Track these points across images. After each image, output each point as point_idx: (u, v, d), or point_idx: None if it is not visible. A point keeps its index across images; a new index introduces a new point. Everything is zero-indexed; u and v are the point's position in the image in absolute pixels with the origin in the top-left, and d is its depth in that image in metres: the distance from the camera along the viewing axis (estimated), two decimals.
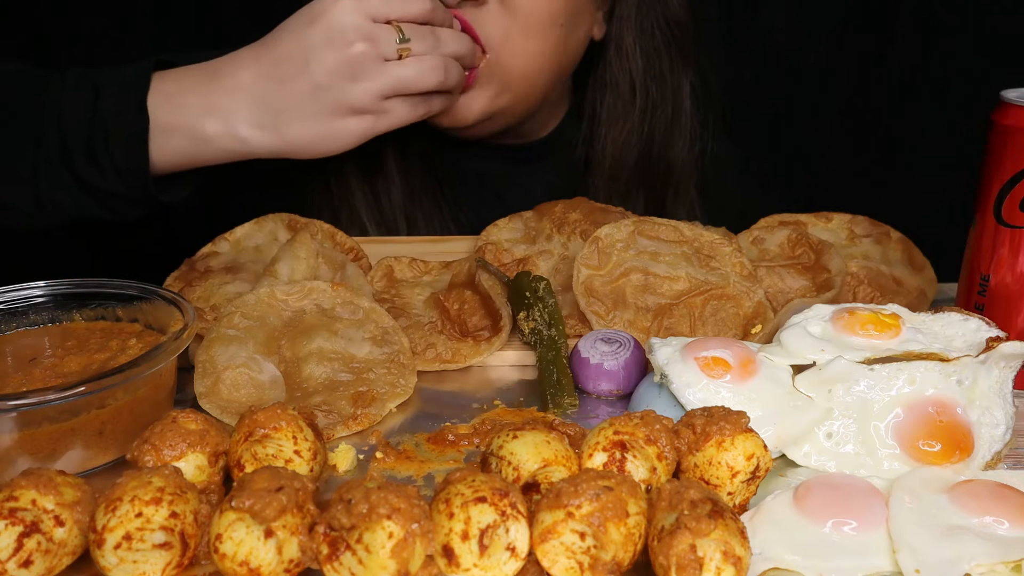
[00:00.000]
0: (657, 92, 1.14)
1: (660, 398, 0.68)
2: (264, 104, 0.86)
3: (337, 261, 0.87)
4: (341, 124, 0.87)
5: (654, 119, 1.14)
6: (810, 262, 0.88)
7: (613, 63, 1.13)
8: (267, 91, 0.85)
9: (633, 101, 1.13)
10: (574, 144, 1.19)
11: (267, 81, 0.85)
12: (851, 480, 0.60)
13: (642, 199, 1.17)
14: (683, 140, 1.16)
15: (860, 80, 1.76)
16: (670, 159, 1.16)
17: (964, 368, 0.64)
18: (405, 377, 0.74)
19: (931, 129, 1.72)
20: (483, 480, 0.51)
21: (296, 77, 0.85)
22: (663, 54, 1.13)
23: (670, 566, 0.49)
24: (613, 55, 1.13)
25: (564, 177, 1.20)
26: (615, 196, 1.15)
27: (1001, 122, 0.71)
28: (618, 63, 1.12)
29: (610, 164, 1.15)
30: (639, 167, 1.15)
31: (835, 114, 1.79)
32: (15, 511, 0.51)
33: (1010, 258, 0.73)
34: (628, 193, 1.16)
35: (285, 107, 0.85)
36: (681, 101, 1.15)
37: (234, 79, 0.86)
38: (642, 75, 1.13)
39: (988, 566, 0.52)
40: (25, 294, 0.74)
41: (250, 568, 0.50)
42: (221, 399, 0.71)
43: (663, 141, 1.16)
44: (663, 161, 1.16)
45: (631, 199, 1.15)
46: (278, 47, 0.86)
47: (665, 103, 1.14)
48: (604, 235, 0.86)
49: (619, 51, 1.12)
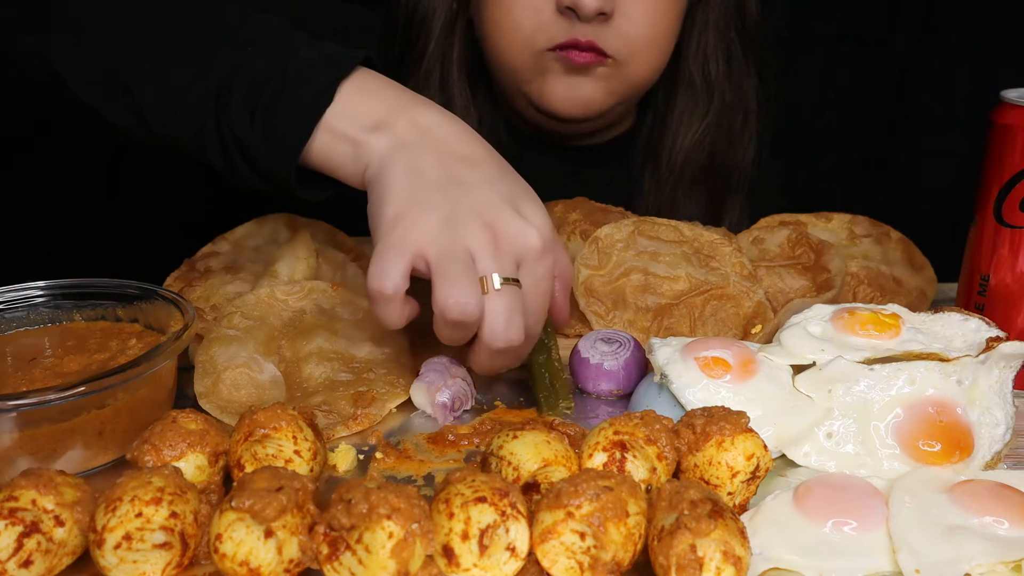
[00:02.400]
0: (731, 95, 1.16)
1: (660, 398, 0.68)
2: (418, 159, 0.71)
3: (337, 261, 0.87)
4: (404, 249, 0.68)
5: (726, 121, 1.17)
6: (810, 262, 0.88)
7: (690, 64, 1.15)
8: (429, 155, 0.71)
9: (709, 102, 1.16)
10: (637, 139, 1.21)
11: (438, 149, 0.72)
12: (851, 480, 0.60)
13: (703, 198, 1.19)
14: (748, 143, 1.19)
15: (860, 80, 1.76)
16: (736, 161, 1.19)
17: (964, 368, 0.64)
18: (405, 377, 0.74)
19: (931, 129, 1.72)
20: (483, 480, 0.51)
21: (459, 184, 0.70)
22: (740, 59, 1.16)
23: (670, 566, 0.49)
24: (691, 56, 1.15)
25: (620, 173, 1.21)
26: (679, 192, 1.17)
27: (1001, 122, 0.71)
28: (695, 63, 1.15)
29: (681, 160, 1.17)
30: (706, 166, 1.18)
31: (835, 114, 1.79)
32: (15, 511, 0.51)
33: (1010, 258, 0.73)
34: (692, 191, 1.18)
35: (425, 187, 0.70)
36: (750, 106, 1.18)
37: (417, 114, 0.73)
38: (720, 78, 1.15)
39: (988, 566, 0.52)
40: (25, 294, 0.74)
41: (250, 568, 0.50)
42: (221, 399, 0.71)
43: (731, 144, 1.18)
44: (729, 163, 1.19)
45: (694, 198, 1.18)
46: (464, 140, 0.74)
47: (737, 107, 1.17)
48: (604, 235, 0.86)
49: (698, 52, 1.14)
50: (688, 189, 1.18)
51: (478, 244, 0.66)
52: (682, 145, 1.16)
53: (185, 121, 0.76)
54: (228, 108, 0.74)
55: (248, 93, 0.74)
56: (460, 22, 1.12)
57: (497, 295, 0.66)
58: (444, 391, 0.71)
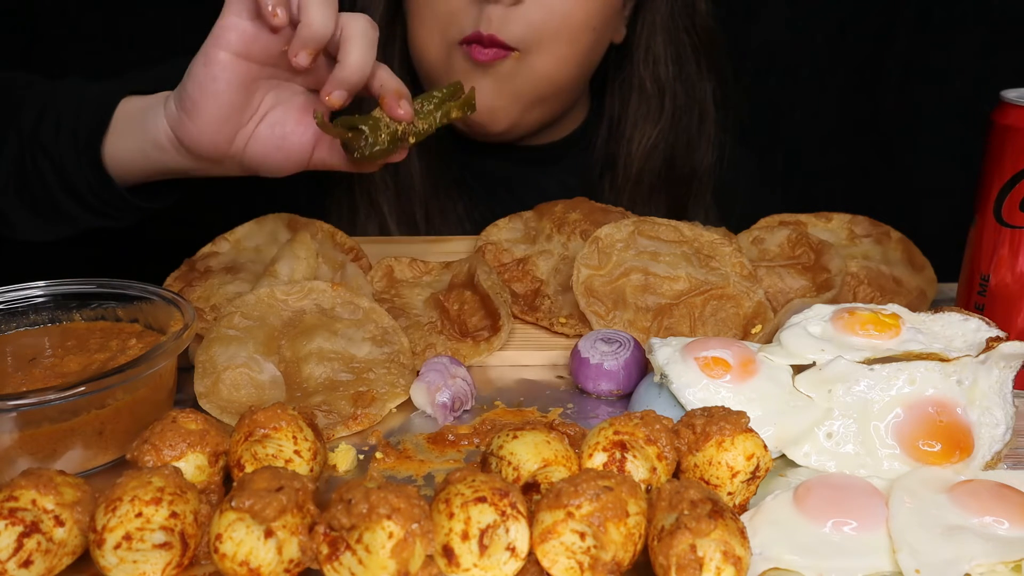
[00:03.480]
0: (684, 97, 1.15)
1: (660, 398, 0.68)
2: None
3: (337, 261, 0.87)
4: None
5: (681, 124, 1.16)
6: (810, 262, 0.88)
7: (640, 67, 1.14)
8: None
9: (661, 105, 1.14)
10: (593, 146, 1.20)
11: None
12: (851, 480, 0.60)
13: (664, 203, 1.17)
14: (707, 145, 1.18)
15: (860, 80, 1.76)
16: (694, 164, 1.17)
17: (964, 368, 0.64)
18: (405, 377, 0.74)
19: (931, 129, 1.72)
20: (483, 480, 0.51)
21: None
22: (690, 60, 1.15)
23: (670, 566, 0.49)
24: (640, 59, 1.13)
25: (581, 179, 1.20)
26: (638, 200, 1.16)
27: (1001, 122, 0.71)
28: (645, 68, 1.13)
29: (636, 167, 1.16)
30: (663, 171, 1.16)
31: (835, 114, 1.79)
32: (15, 511, 0.51)
33: (1010, 258, 0.73)
34: (651, 196, 1.17)
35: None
36: (706, 107, 1.17)
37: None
38: (671, 80, 1.14)
39: (988, 566, 0.52)
40: (25, 294, 0.74)
41: (250, 568, 0.50)
42: (221, 399, 0.71)
43: (688, 146, 1.17)
44: (687, 166, 1.17)
45: (653, 202, 1.16)
46: None
47: (692, 109, 1.16)
48: (604, 235, 0.86)
49: (648, 55, 1.13)
50: (647, 196, 1.16)
51: None
52: (637, 151, 1.15)
53: (19, 184, 0.89)
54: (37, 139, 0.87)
55: (47, 126, 0.87)
56: (399, 17, 1.12)
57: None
58: (444, 391, 0.71)
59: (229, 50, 0.75)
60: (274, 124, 0.82)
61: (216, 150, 0.80)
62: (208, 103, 0.77)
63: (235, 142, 0.81)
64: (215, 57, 0.75)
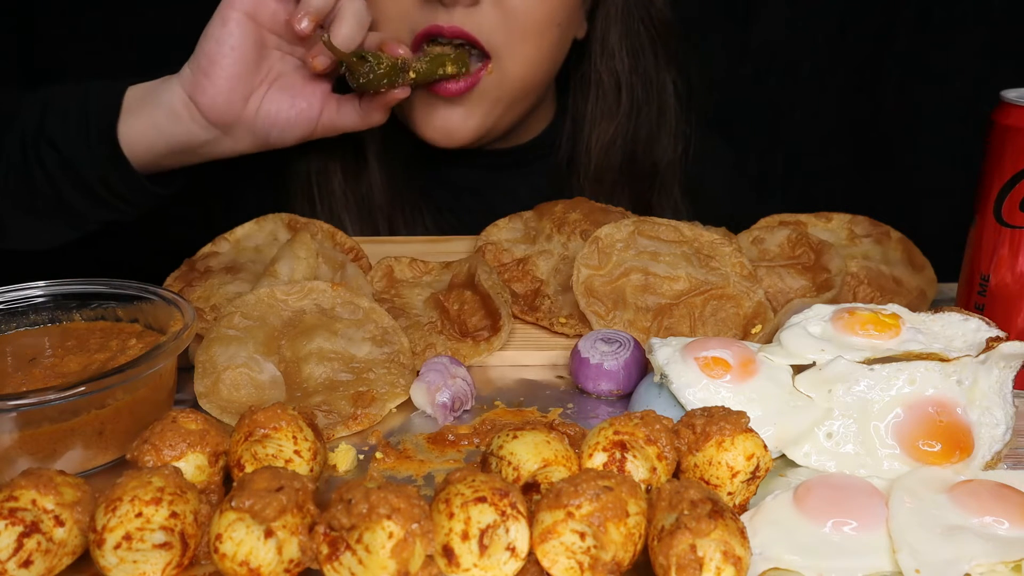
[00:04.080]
0: (642, 91, 1.13)
1: (660, 398, 0.68)
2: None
3: (337, 261, 0.87)
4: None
5: (640, 118, 1.13)
6: (810, 262, 0.88)
7: (597, 62, 1.12)
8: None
9: (618, 100, 1.12)
10: (557, 145, 1.18)
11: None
12: (851, 480, 0.60)
13: (627, 199, 1.15)
14: (668, 139, 1.15)
15: (860, 80, 1.76)
16: (655, 158, 1.15)
17: (964, 368, 0.64)
18: (405, 377, 0.74)
19: (931, 130, 1.72)
20: (483, 480, 0.51)
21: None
22: (648, 52, 1.12)
23: (670, 566, 0.49)
24: (597, 54, 1.11)
25: (550, 179, 1.19)
26: (600, 196, 1.13)
27: (1001, 122, 0.71)
28: (602, 62, 1.11)
29: (595, 164, 1.14)
30: (624, 167, 1.14)
31: (835, 114, 1.79)
32: (15, 511, 0.51)
33: (1010, 258, 0.73)
34: (613, 193, 1.15)
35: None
36: (666, 100, 1.14)
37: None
38: (628, 74, 1.12)
39: (988, 566, 0.52)
40: (25, 294, 0.74)
41: (250, 568, 0.50)
42: (221, 399, 0.71)
43: (648, 140, 1.15)
44: (648, 160, 1.15)
45: (616, 199, 1.13)
46: None
47: (651, 102, 1.13)
48: (604, 235, 0.86)
49: (604, 50, 1.11)
50: (609, 192, 1.14)
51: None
52: (596, 147, 1.13)
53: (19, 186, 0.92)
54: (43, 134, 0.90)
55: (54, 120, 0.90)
56: None
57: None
58: (444, 391, 0.71)
59: (242, 10, 0.87)
60: (283, 88, 0.92)
61: (231, 110, 0.89)
62: (224, 58, 0.87)
63: (248, 104, 0.90)
64: (229, 16, 0.86)
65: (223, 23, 0.86)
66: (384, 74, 0.87)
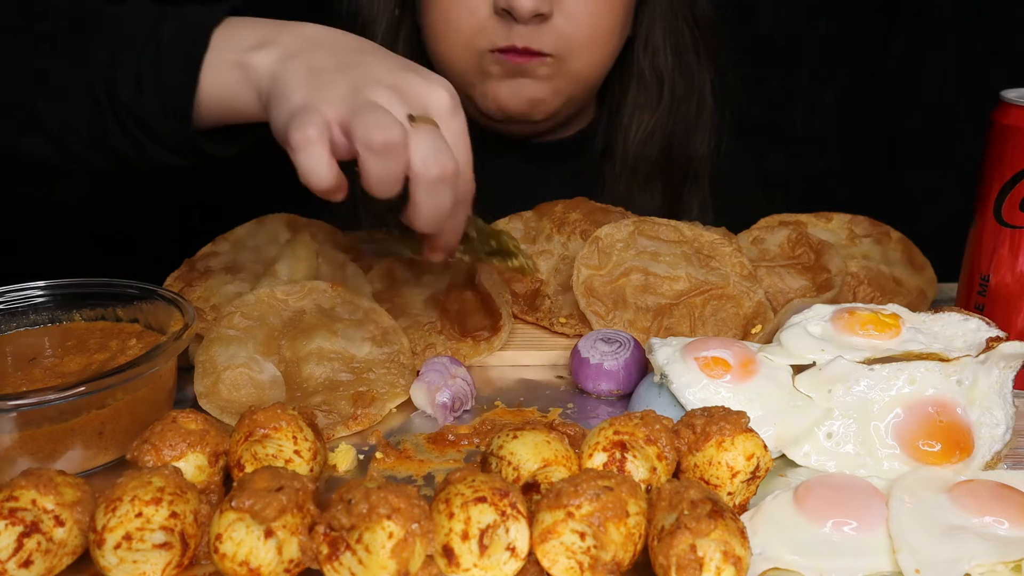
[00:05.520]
0: (683, 87, 1.16)
1: (660, 398, 0.68)
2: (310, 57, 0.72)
3: (337, 261, 0.87)
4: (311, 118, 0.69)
5: (679, 113, 1.17)
6: (810, 262, 0.88)
7: (640, 58, 1.15)
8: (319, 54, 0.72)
9: (660, 95, 1.15)
10: (593, 135, 1.21)
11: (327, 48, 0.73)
12: (851, 480, 0.60)
13: (660, 191, 1.18)
14: (704, 134, 1.19)
15: (860, 80, 1.76)
16: (690, 152, 1.19)
17: (964, 368, 0.64)
18: (405, 377, 0.74)
19: (931, 129, 1.72)
20: (483, 480, 0.51)
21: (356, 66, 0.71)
22: (690, 50, 1.16)
23: (670, 566, 0.49)
24: (641, 50, 1.15)
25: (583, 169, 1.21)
26: (634, 187, 1.17)
27: (1001, 122, 0.71)
28: (645, 58, 1.15)
29: (633, 155, 1.17)
30: (660, 159, 1.18)
31: (835, 114, 1.79)
32: (15, 511, 0.51)
33: (1010, 258, 0.73)
34: (647, 184, 1.18)
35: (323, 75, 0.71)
36: (704, 96, 1.18)
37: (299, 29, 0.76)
38: (671, 71, 1.15)
39: (988, 566, 0.52)
40: (25, 294, 0.74)
41: (250, 568, 0.50)
42: (221, 399, 0.71)
43: (685, 134, 1.18)
44: (684, 154, 1.18)
45: (649, 190, 1.17)
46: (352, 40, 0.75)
47: (690, 97, 1.17)
48: (604, 235, 0.86)
49: (647, 46, 1.14)
50: (643, 183, 1.17)
51: (387, 99, 0.66)
52: (634, 139, 1.16)
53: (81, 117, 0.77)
54: (116, 87, 0.75)
55: (130, 67, 0.75)
56: (404, 27, 1.12)
57: (419, 129, 0.65)
58: (444, 391, 0.71)
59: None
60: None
61: None
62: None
63: None
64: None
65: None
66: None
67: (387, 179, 0.65)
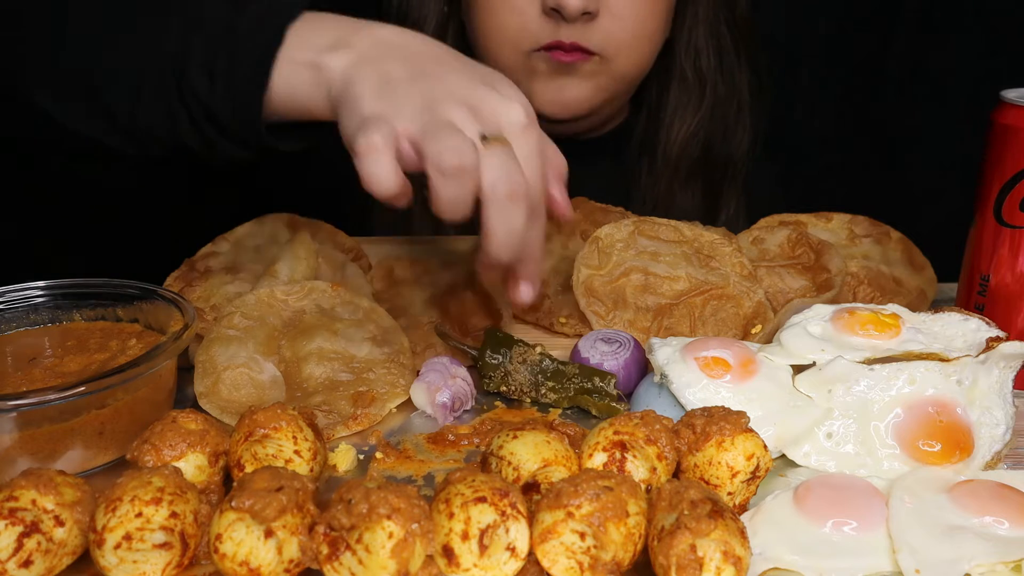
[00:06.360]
0: (724, 87, 1.19)
1: (660, 398, 0.68)
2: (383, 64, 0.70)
3: (337, 261, 0.87)
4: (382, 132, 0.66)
5: (720, 113, 1.19)
6: (810, 262, 0.88)
7: (682, 58, 1.17)
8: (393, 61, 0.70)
9: (702, 95, 1.18)
10: (628, 134, 1.22)
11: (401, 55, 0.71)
12: (851, 480, 0.60)
13: (699, 189, 1.21)
14: (742, 133, 1.21)
15: (860, 80, 1.76)
16: (730, 151, 1.21)
17: (964, 368, 0.64)
18: (405, 377, 0.74)
19: (931, 129, 1.72)
20: (483, 480, 0.51)
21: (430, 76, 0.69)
22: (731, 52, 1.18)
23: (670, 566, 0.49)
24: (683, 51, 1.17)
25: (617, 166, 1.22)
26: (675, 186, 1.19)
27: (1001, 122, 0.71)
28: (688, 59, 1.17)
29: (675, 155, 1.19)
30: (701, 159, 1.20)
31: (835, 114, 1.79)
32: (15, 511, 0.51)
33: (1010, 258, 0.73)
34: (687, 183, 1.20)
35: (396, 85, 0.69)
36: (743, 97, 1.20)
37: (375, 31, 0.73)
38: (713, 72, 1.17)
39: (988, 566, 0.52)
40: (25, 294, 0.74)
41: (250, 568, 0.50)
42: (221, 399, 0.70)
43: (725, 133, 1.20)
44: (724, 153, 1.21)
45: (689, 189, 1.19)
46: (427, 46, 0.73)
47: (731, 99, 1.19)
48: (604, 235, 0.86)
49: (689, 47, 1.17)
50: (684, 182, 1.20)
51: (461, 118, 0.65)
52: (676, 138, 1.18)
53: (150, 104, 0.75)
54: (187, 77, 0.73)
55: (203, 57, 0.73)
56: (451, 26, 1.13)
57: (491, 150, 0.64)
58: (444, 391, 0.71)
59: None
60: None
61: None
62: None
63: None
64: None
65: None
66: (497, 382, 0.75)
67: (457, 201, 0.64)
